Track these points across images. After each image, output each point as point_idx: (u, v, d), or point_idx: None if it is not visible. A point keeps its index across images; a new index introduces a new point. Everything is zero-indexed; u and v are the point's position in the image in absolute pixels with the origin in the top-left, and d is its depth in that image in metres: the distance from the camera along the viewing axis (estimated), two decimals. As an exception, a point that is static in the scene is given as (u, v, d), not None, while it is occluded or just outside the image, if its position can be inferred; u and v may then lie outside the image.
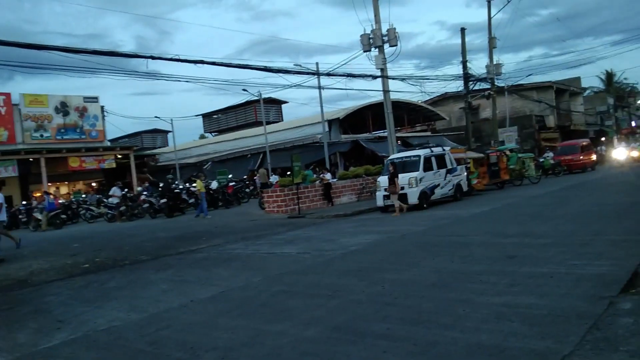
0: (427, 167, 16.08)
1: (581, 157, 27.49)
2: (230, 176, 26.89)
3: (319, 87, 25.36)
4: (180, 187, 22.90)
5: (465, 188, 18.01)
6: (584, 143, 29.43)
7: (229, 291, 6.67)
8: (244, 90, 27.74)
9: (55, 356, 4.71)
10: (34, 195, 25.42)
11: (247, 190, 25.82)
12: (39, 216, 21.12)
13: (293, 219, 15.97)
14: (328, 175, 20.07)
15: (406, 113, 37.09)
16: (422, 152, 16.52)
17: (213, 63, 15.18)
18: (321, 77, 23.96)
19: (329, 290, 6.00)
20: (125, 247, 12.56)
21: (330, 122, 30.38)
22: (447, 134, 38.02)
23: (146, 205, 21.70)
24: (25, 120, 28.85)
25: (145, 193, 23.28)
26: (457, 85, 29.33)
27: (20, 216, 23.24)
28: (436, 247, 8.50)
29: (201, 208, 19.27)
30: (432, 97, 38.44)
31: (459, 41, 27.88)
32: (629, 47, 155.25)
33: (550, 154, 27.90)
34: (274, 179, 23.65)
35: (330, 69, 21.97)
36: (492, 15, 29.39)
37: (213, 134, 47.92)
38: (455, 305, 4.84)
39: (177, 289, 7.19)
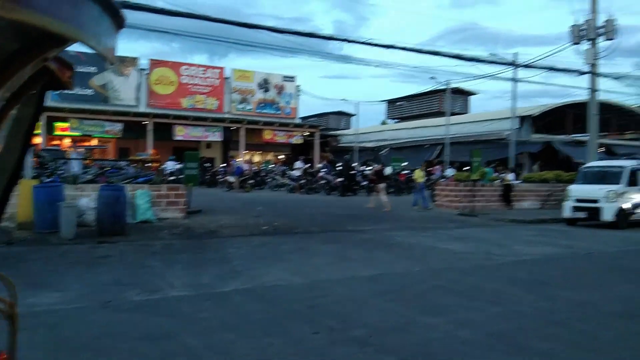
0: (632, 182, 13.89)
1: None
2: (405, 164, 26.86)
3: (514, 80, 23.61)
4: (357, 169, 23.68)
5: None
6: None
7: (387, 275, 6.71)
8: (432, 78, 27.26)
9: (227, 300, 5.31)
10: (230, 160, 28.85)
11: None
12: (231, 179, 23.87)
13: (464, 216, 15.30)
14: (510, 176, 18.67)
15: (615, 117, 32.47)
16: (627, 164, 14.30)
17: (403, 48, 15.15)
18: (518, 69, 22.25)
19: (491, 296, 5.64)
20: (300, 216, 13.49)
21: (522, 119, 28.12)
22: (665, 146, 32.28)
23: (323, 181, 22.99)
24: (233, 92, 32.71)
25: (324, 170, 24.65)
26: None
27: (218, 177, 26.58)
28: (629, 272, 7.35)
29: (421, 197, 17.32)
30: (651, 102, 32.87)
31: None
32: None
33: None
34: (450, 172, 22.90)
35: (530, 61, 20.22)
36: None
37: (395, 120, 48.28)
38: (643, 342, 4.14)
39: (339, 263, 7.49)
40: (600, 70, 18.39)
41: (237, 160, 26.24)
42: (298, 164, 25.28)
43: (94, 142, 29.16)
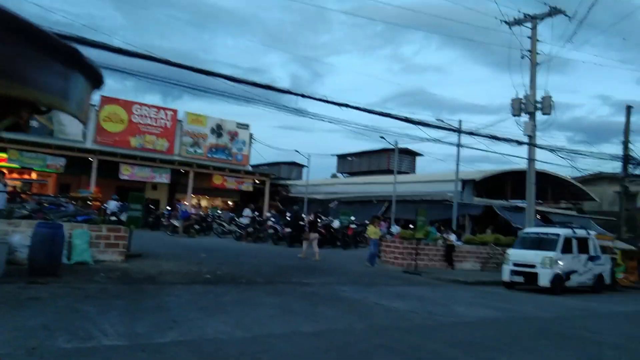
0: (566, 249, 14.63)
1: None
2: (352, 218, 27.16)
3: (458, 145, 24.79)
4: (306, 220, 23.65)
5: (607, 280, 15.99)
6: None
7: (331, 332, 6.63)
8: (382, 137, 28.17)
9: (164, 352, 5.05)
10: (177, 203, 28.17)
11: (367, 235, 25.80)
12: (176, 223, 23.25)
13: (409, 274, 15.51)
14: (452, 237, 19.24)
15: (551, 186, 34.47)
16: (562, 231, 15.10)
17: (357, 108, 15.66)
18: (462, 135, 23.43)
19: (431, 357, 5.66)
20: (245, 266, 13.22)
21: (465, 183, 29.37)
22: (595, 217, 34.41)
23: (271, 231, 22.79)
24: (184, 135, 32.40)
25: (272, 219, 24.48)
26: (614, 167, 26.56)
27: (162, 220, 25.83)
28: (562, 338, 7.61)
29: (373, 254, 16.86)
30: (583, 174, 35.27)
31: (623, 119, 25.41)
32: None
33: None
34: (395, 229, 23.34)
35: (473, 128, 21.39)
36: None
37: (345, 175, 49.17)
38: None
39: (283, 316, 7.34)
40: (538, 141, 19.67)
41: (183, 203, 25.67)
42: (247, 211, 25.02)
43: (34, 175, 27.81)
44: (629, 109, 25.36)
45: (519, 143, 19.66)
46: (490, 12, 20.52)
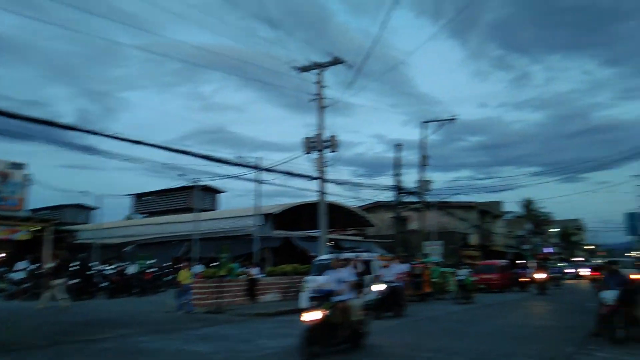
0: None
1: (500, 277, 28.68)
2: (150, 262, 25.66)
3: (258, 181, 25.65)
4: (96, 268, 21.55)
5: (389, 297, 18.11)
6: (503, 264, 30.90)
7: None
8: (181, 175, 27.48)
9: None
10: None
11: (169, 278, 24.63)
12: None
13: (212, 314, 15.24)
14: (255, 270, 19.63)
15: (340, 216, 37.86)
16: (350, 256, 16.66)
17: (153, 145, 15.09)
18: (261, 171, 24.34)
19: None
20: (22, 327, 11.36)
21: (266, 216, 30.37)
22: (377, 240, 38.90)
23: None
24: (-64, 178, 26.78)
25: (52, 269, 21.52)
26: (390, 196, 30.62)
27: None
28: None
29: (185, 300, 15.82)
30: (365, 203, 39.76)
31: (395, 154, 29.59)
32: (545, 179, 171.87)
33: (466, 271, 22.73)
34: (198, 268, 22.78)
35: (271, 165, 22.43)
36: (425, 136, 31.76)
37: (143, 215, 46.38)
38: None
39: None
40: (328, 176, 21.58)
41: None
42: (21, 264, 21.62)
43: None
44: (397, 146, 29.67)
45: (312, 178, 21.30)
46: (283, 58, 22.11)
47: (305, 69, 21.16)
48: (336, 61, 20.95)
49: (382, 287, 14.37)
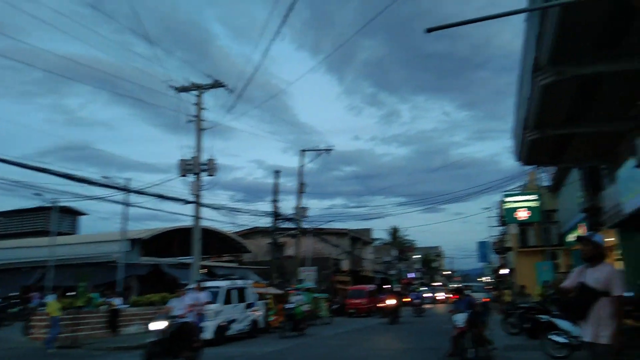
0: (227, 300, 15.80)
1: (368, 302, 30.00)
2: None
3: (126, 204, 24.07)
4: None
5: (262, 324, 17.94)
6: (371, 289, 32.41)
7: None
8: (37, 194, 24.78)
9: None
10: None
11: (15, 310, 21.85)
12: None
13: (67, 348, 13.76)
14: (117, 300, 18.18)
15: (215, 242, 36.86)
16: (223, 284, 16.31)
17: (4, 161, 13.53)
18: (131, 193, 22.89)
19: None
20: None
21: (133, 242, 28.45)
22: (253, 267, 38.45)
23: None
24: None
25: None
26: (267, 222, 30.66)
27: None
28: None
29: (54, 334, 14.13)
30: (242, 229, 39.24)
31: (273, 181, 29.87)
32: (410, 209, 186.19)
33: (298, 297, 18.81)
34: (52, 298, 20.52)
35: (142, 187, 21.27)
36: (303, 164, 32.54)
37: (-13, 239, 40.83)
38: None
39: None
40: (204, 200, 20.97)
41: None
42: None
43: None
44: (276, 173, 29.99)
45: (186, 202, 20.54)
46: (160, 76, 21.29)
47: (184, 89, 20.63)
48: (216, 84, 20.73)
49: (162, 324, 9.55)
